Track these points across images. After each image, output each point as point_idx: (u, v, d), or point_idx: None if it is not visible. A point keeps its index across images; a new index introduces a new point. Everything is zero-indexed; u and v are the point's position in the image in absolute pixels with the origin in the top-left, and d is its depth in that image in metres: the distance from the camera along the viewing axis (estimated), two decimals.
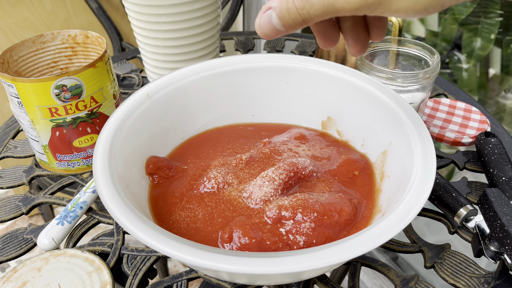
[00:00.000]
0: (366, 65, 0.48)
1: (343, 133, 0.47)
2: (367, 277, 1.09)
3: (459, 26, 0.96)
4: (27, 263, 0.37)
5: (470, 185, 0.46)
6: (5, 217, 0.44)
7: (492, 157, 0.45)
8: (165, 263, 0.96)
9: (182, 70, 0.47)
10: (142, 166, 0.42)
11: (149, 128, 0.43)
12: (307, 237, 0.34)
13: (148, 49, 0.58)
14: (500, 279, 0.37)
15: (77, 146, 0.47)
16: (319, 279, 0.37)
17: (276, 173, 0.39)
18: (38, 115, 0.44)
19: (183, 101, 0.46)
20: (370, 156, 0.43)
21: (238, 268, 0.27)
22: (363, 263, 0.39)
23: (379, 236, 0.28)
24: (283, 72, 0.48)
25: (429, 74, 0.46)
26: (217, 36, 0.61)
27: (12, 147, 0.54)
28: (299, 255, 0.27)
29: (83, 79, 0.43)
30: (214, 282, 0.37)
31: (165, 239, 0.29)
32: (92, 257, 0.38)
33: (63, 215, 0.42)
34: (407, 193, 0.32)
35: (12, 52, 0.48)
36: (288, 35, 0.79)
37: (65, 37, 0.51)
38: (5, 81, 0.42)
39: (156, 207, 0.39)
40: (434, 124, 0.54)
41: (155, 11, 0.53)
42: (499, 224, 0.35)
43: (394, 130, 0.40)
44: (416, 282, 0.37)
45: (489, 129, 0.53)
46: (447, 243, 0.40)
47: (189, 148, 0.47)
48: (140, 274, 0.38)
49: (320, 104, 0.48)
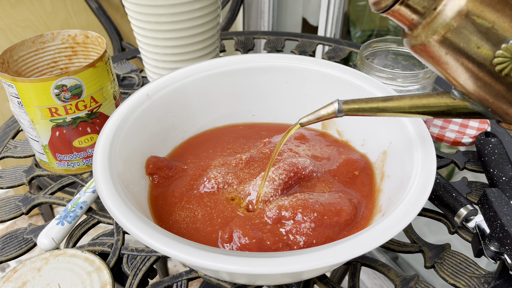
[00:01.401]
0: (366, 65, 0.48)
1: (343, 133, 0.47)
2: (367, 277, 1.09)
3: None
4: (27, 263, 0.37)
5: (470, 185, 0.46)
6: (5, 217, 0.44)
7: (492, 157, 0.45)
8: (165, 263, 0.96)
9: (182, 70, 0.47)
10: (142, 166, 0.42)
11: (149, 128, 0.43)
12: (307, 237, 0.34)
13: (148, 49, 0.58)
14: (500, 279, 0.37)
15: (77, 146, 0.47)
16: (319, 279, 0.37)
17: (276, 173, 0.39)
18: (38, 115, 0.44)
19: (183, 101, 0.46)
20: (370, 156, 0.43)
21: (238, 268, 0.27)
22: (363, 263, 0.39)
23: (379, 236, 0.28)
24: (283, 72, 0.48)
25: (429, 74, 0.46)
26: (217, 36, 0.61)
27: (12, 147, 0.54)
28: (299, 255, 0.27)
29: (83, 79, 0.43)
30: (214, 282, 0.37)
31: (165, 239, 0.29)
32: (92, 257, 0.38)
33: (63, 215, 0.42)
34: (407, 193, 0.32)
35: (12, 52, 0.48)
36: (288, 35, 0.79)
37: (65, 37, 0.51)
38: (5, 81, 0.42)
39: (156, 207, 0.39)
40: (434, 124, 0.54)
41: (155, 11, 0.53)
42: (499, 224, 0.35)
43: (394, 130, 0.40)
44: (416, 282, 0.37)
45: (489, 129, 0.53)
46: (447, 243, 0.40)
47: (189, 148, 0.47)
48: (140, 274, 0.38)
49: (320, 104, 0.48)
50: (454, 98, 0.30)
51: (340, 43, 0.77)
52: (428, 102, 0.31)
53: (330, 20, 1.06)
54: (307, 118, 0.35)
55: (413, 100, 0.32)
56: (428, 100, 0.31)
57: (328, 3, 1.04)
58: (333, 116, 0.34)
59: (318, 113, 0.35)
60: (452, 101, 0.30)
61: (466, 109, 0.30)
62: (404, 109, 0.32)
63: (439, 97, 0.31)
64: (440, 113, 0.31)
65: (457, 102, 0.30)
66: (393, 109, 0.32)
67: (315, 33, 1.13)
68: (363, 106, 0.33)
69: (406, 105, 0.32)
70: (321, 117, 0.34)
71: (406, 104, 0.32)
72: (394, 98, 0.32)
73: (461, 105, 0.30)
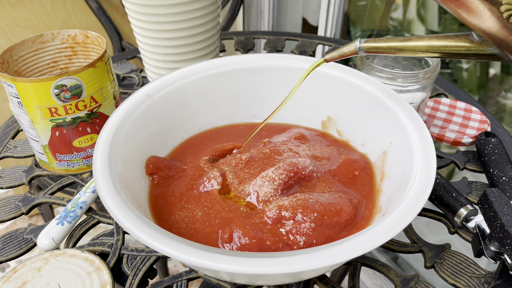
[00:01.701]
0: (366, 65, 0.48)
1: (343, 133, 0.47)
2: (367, 277, 1.09)
3: (459, 26, 0.96)
4: (27, 263, 0.37)
5: (470, 185, 0.46)
6: (5, 217, 0.44)
7: (492, 157, 0.45)
8: (165, 263, 0.96)
9: (182, 70, 0.46)
10: (142, 166, 0.41)
11: (149, 128, 0.43)
12: (307, 237, 0.34)
13: (148, 49, 0.58)
14: (500, 279, 0.37)
15: (77, 146, 0.47)
16: (319, 279, 0.37)
17: (276, 173, 0.39)
18: (38, 115, 0.44)
19: (183, 101, 0.46)
20: (370, 156, 0.43)
21: (238, 268, 0.27)
22: (363, 263, 0.39)
23: (379, 236, 0.28)
24: (283, 72, 0.48)
25: (429, 74, 0.46)
26: (217, 36, 0.61)
27: (12, 147, 0.54)
28: (299, 255, 0.27)
29: (83, 79, 0.43)
30: (214, 282, 0.37)
31: (165, 239, 0.29)
32: (92, 257, 0.38)
33: (63, 215, 0.42)
34: (407, 193, 0.32)
35: (12, 52, 0.48)
36: (288, 35, 0.79)
37: (65, 37, 0.51)
38: (5, 81, 0.42)
39: (156, 207, 0.39)
40: (434, 124, 0.54)
41: (155, 11, 0.53)
42: (499, 224, 0.35)
43: (394, 130, 0.40)
44: (416, 282, 0.37)
45: (489, 129, 0.53)
46: (447, 243, 0.40)
47: (189, 148, 0.47)
48: (140, 274, 0.38)
49: (320, 104, 0.48)
50: (472, 40, 0.32)
51: (340, 43, 0.77)
52: (446, 43, 0.33)
53: (330, 20, 1.06)
54: (331, 54, 0.38)
55: (431, 41, 0.33)
56: (446, 41, 0.33)
57: (328, 3, 1.04)
58: (355, 53, 0.36)
59: (341, 50, 0.37)
60: (470, 44, 0.32)
61: (483, 51, 0.32)
62: (422, 49, 0.34)
63: (458, 39, 0.32)
64: (457, 55, 0.33)
65: (475, 44, 0.32)
66: (411, 48, 0.34)
67: (315, 33, 1.13)
68: (382, 45, 0.35)
69: (424, 45, 0.33)
70: (344, 54, 0.37)
71: (424, 44, 0.33)
72: (413, 39, 0.34)
73: (479, 47, 0.32)
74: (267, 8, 1.26)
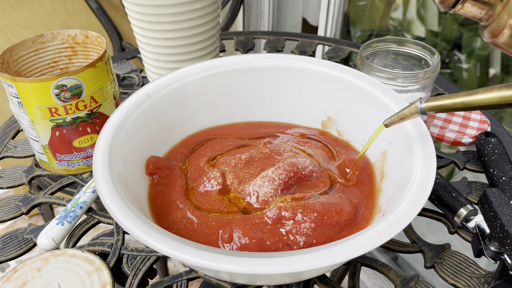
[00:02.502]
0: (366, 65, 0.48)
1: (343, 133, 0.47)
2: (367, 277, 1.09)
3: (459, 26, 0.96)
4: (27, 263, 0.37)
5: (470, 185, 0.46)
6: (5, 217, 0.44)
7: (492, 157, 0.45)
8: (165, 263, 0.96)
9: (182, 70, 0.46)
10: (142, 166, 0.42)
11: (149, 128, 0.43)
12: (307, 237, 0.34)
13: (148, 49, 0.58)
14: (500, 279, 0.37)
15: (77, 146, 0.47)
16: (319, 279, 0.37)
17: (276, 173, 0.39)
18: (38, 115, 0.44)
19: (183, 101, 0.46)
20: (370, 156, 0.43)
21: (238, 268, 0.27)
22: (363, 263, 0.39)
23: (379, 236, 0.28)
24: (283, 72, 0.48)
25: (429, 74, 0.46)
26: (217, 36, 0.61)
27: (12, 147, 0.54)
28: (299, 255, 0.27)
29: (83, 79, 0.43)
30: (214, 282, 0.37)
31: (165, 239, 0.29)
32: (92, 257, 0.38)
33: (63, 215, 0.42)
34: (407, 193, 0.32)
35: (12, 52, 0.48)
36: (288, 35, 0.79)
37: (65, 37, 0.51)
38: (5, 81, 0.42)
39: (156, 207, 0.39)
40: (434, 124, 0.54)
41: (155, 11, 0.53)
42: (499, 224, 0.35)
43: (394, 130, 0.40)
44: (416, 282, 0.37)
45: (489, 129, 0.53)
46: (447, 243, 0.40)
47: (189, 148, 0.47)
48: (140, 274, 0.38)
49: (320, 104, 0.48)
50: None
51: (340, 43, 0.77)
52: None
53: (330, 20, 1.06)
54: (391, 119, 0.36)
55: (501, 92, 0.30)
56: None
57: (328, 3, 1.04)
58: (416, 115, 0.34)
59: (401, 113, 0.35)
60: None
61: None
62: (492, 101, 0.31)
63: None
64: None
65: None
66: (480, 103, 0.31)
67: (315, 33, 1.13)
68: (446, 102, 0.33)
69: (494, 97, 0.30)
70: (405, 117, 0.35)
71: (494, 96, 0.30)
72: (479, 91, 0.31)
73: None
74: (267, 8, 1.26)
